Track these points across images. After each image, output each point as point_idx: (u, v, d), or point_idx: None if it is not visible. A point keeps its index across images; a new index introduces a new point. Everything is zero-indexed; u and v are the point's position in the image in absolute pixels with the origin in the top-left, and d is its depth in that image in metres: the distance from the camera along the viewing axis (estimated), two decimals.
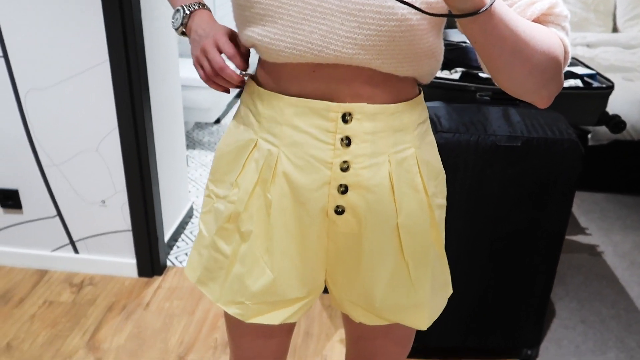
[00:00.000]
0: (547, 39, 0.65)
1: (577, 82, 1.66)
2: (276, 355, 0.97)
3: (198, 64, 0.80)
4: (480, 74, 1.66)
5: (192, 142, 3.27)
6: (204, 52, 0.78)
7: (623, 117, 1.69)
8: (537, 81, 0.66)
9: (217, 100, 2.98)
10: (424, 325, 0.86)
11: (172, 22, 0.84)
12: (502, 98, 1.58)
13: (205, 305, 1.93)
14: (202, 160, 3.05)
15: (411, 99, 0.77)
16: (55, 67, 1.74)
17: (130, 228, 1.97)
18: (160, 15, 1.92)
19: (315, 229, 0.78)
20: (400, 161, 0.76)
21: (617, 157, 2.71)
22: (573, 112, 1.61)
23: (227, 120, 3.65)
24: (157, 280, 2.05)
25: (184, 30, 0.84)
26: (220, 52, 0.78)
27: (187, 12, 0.83)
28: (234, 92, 3.39)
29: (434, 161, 0.82)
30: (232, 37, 0.80)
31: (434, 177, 0.81)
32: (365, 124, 0.72)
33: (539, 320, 1.69)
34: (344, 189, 0.75)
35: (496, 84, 0.71)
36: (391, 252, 0.79)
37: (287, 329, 0.95)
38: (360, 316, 0.86)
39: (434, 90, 1.62)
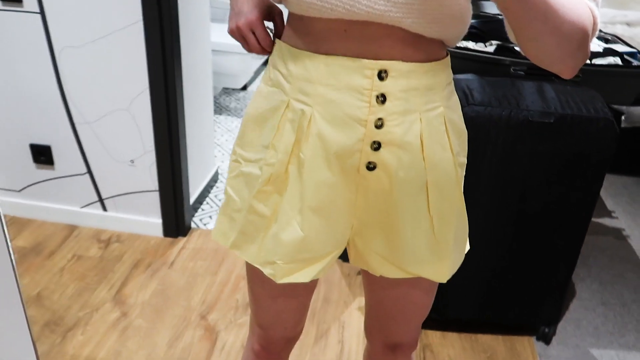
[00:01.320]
0: (577, 8, 0.65)
1: (617, 60, 1.61)
2: (296, 316, 0.99)
3: (237, 39, 0.84)
4: (516, 48, 1.62)
5: (219, 108, 3.28)
6: (240, 33, 0.82)
7: None
8: (564, 50, 0.67)
9: (245, 66, 2.97)
10: (444, 278, 0.88)
11: None
12: (536, 73, 1.54)
13: (228, 266, 1.97)
14: (228, 126, 3.07)
15: (440, 59, 0.77)
16: (90, 25, 1.75)
17: (157, 188, 2.00)
18: None
19: (346, 185, 0.79)
20: (430, 119, 0.77)
21: None
22: (610, 90, 1.57)
23: (254, 87, 3.65)
24: (182, 240, 2.09)
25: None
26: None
27: None
28: (262, 58, 3.37)
29: (458, 121, 0.84)
30: (267, 14, 0.82)
31: (458, 136, 0.83)
32: (400, 82, 0.73)
33: (559, 299, 1.68)
34: (377, 146, 0.76)
35: (522, 52, 0.71)
36: (419, 207, 0.81)
37: (309, 289, 0.97)
38: (383, 269, 0.87)
39: (467, 63, 1.59)
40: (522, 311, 1.69)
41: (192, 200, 2.17)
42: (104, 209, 2.10)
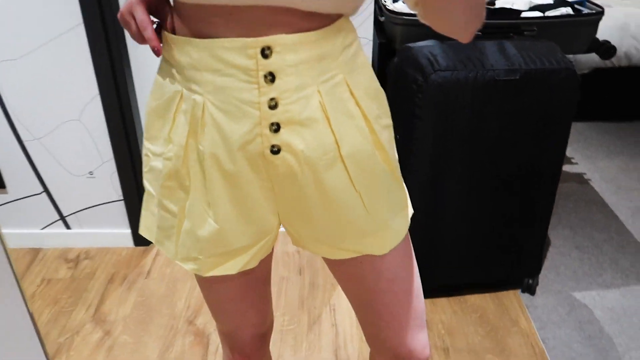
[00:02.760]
0: None
1: (568, 10, 1.63)
2: (259, 310, 0.96)
3: (121, 23, 0.78)
4: None
5: None
6: (130, 12, 0.75)
7: None
8: (468, 17, 0.68)
9: None
10: (385, 250, 0.84)
11: None
12: (493, 32, 1.55)
13: None
14: None
15: (331, 24, 0.72)
16: (26, 35, 1.63)
17: (121, 197, 1.92)
18: None
19: (255, 172, 0.75)
20: (330, 90, 0.72)
21: (598, 86, 2.73)
22: (565, 40, 1.60)
23: None
24: (155, 248, 2.02)
25: None
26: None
27: None
28: None
29: (369, 82, 0.78)
30: (154, 5, 0.77)
31: (372, 99, 0.78)
32: (287, 56, 0.68)
33: (538, 250, 1.73)
34: (276, 127, 0.71)
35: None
36: (340, 184, 0.77)
37: (262, 280, 0.93)
38: (323, 251, 0.84)
39: (424, 29, 1.58)
40: (505, 267, 1.73)
41: None
42: (67, 226, 1.99)
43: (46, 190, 1.91)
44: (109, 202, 1.94)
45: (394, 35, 1.65)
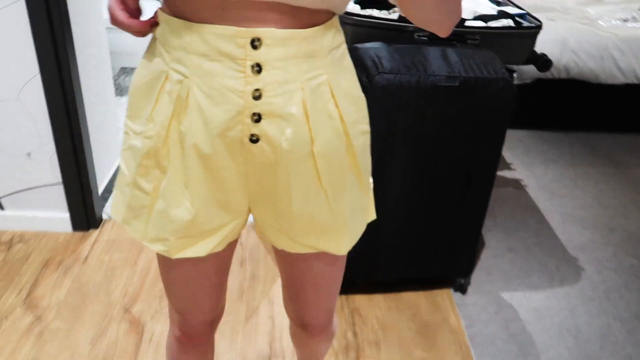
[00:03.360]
0: None
1: (509, 22, 1.71)
2: (212, 298, 0.98)
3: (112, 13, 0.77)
4: None
5: (119, 89, 3.09)
6: (110, 9, 0.76)
7: None
8: (442, 12, 0.72)
9: (144, 43, 2.81)
10: (344, 250, 0.88)
11: None
12: (439, 38, 1.60)
13: (148, 255, 1.90)
14: None
15: (321, 24, 0.74)
16: None
17: (60, 181, 1.87)
18: None
19: (232, 157, 0.77)
20: (313, 88, 0.74)
21: (539, 96, 2.86)
22: (505, 50, 1.66)
23: None
24: (94, 233, 1.98)
25: None
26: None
27: None
28: None
29: (351, 87, 0.81)
30: None
31: (352, 104, 0.80)
32: (276, 50, 0.70)
33: (471, 251, 1.80)
34: (257, 118, 0.73)
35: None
36: (308, 179, 0.80)
37: (221, 269, 0.95)
38: (283, 243, 0.87)
39: (374, 30, 1.61)
40: (440, 266, 1.80)
41: (100, 189, 2.06)
42: (1, 207, 1.93)
43: None
44: (47, 185, 1.88)
45: (345, 34, 1.68)
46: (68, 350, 1.53)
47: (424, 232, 1.70)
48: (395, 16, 1.67)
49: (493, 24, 1.70)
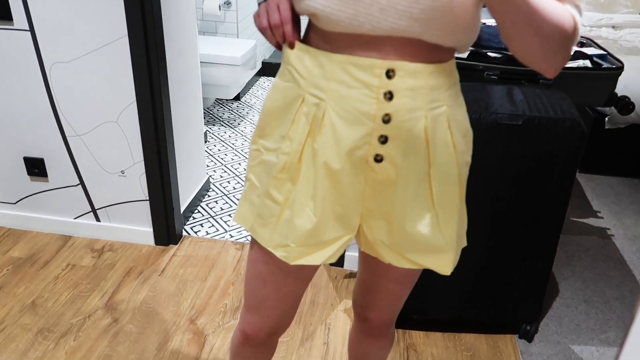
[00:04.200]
0: (558, 13, 0.73)
1: (586, 63, 1.66)
2: (285, 304, 1.03)
3: (264, 15, 0.85)
4: (489, 53, 1.68)
5: (212, 118, 3.34)
6: (276, 4, 0.84)
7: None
8: (546, 50, 0.75)
9: (236, 77, 3.04)
10: (448, 270, 0.94)
11: None
12: (508, 78, 1.60)
13: (217, 273, 2.02)
14: (222, 136, 3.12)
15: (445, 62, 0.83)
16: (78, 41, 1.82)
17: (147, 198, 2.06)
18: None
19: (355, 175, 0.85)
20: (434, 117, 0.83)
21: (633, 141, 2.69)
22: (580, 92, 1.62)
23: (247, 97, 3.71)
24: (173, 248, 2.14)
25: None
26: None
27: None
28: (254, 70, 3.44)
29: (463, 120, 0.90)
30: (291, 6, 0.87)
31: (462, 135, 0.89)
32: (407, 81, 0.79)
33: (538, 297, 1.72)
34: (384, 139, 0.82)
35: (509, 51, 0.80)
36: (423, 199, 0.87)
37: (302, 282, 1.02)
38: (390, 258, 0.94)
39: None
40: (502, 310, 1.73)
41: (182, 208, 2.23)
42: (97, 219, 2.15)
43: (82, 183, 2.08)
44: (136, 201, 2.08)
45: None
46: (136, 352, 1.66)
47: (485, 274, 1.66)
48: (464, 55, 1.70)
49: (568, 64, 1.66)
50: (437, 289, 1.68)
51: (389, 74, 0.79)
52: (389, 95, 0.80)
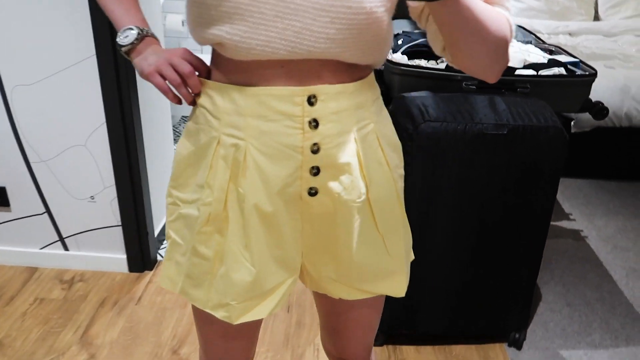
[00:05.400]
0: (498, 19, 0.72)
1: (561, 70, 1.69)
2: (247, 350, 1.00)
3: (158, 73, 0.79)
4: None
5: (179, 136, 3.26)
6: (168, 63, 0.78)
7: (605, 104, 1.73)
8: (491, 58, 0.74)
9: None
10: (402, 292, 0.90)
11: (121, 38, 0.82)
12: (487, 87, 1.60)
13: None
14: None
15: (365, 77, 0.79)
16: (42, 62, 1.73)
17: (119, 223, 1.97)
18: (147, 12, 1.91)
19: (289, 213, 0.79)
20: (363, 137, 0.78)
21: (599, 144, 2.76)
22: (557, 99, 1.64)
23: None
24: (148, 275, 2.05)
25: (129, 50, 0.83)
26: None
27: (142, 34, 0.83)
28: None
29: (391, 134, 0.86)
30: (188, 59, 0.81)
31: (393, 149, 0.85)
32: (330, 104, 0.75)
33: (526, 304, 1.72)
34: (316, 171, 0.76)
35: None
36: (366, 225, 0.82)
37: (258, 322, 0.96)
38: (340, 292, 0.88)
39: (421, 80, 1.64)
40: (491, 319, 1.73)
41: (156, 232, 2.14)
42: (65, 248, 2.04)
43: (48, 211, 1.97)
44: (107, 227, 1.98)
45: (392, 84, 1.71)
46: None
47: (473, 284, 1.65)
48: (442, 66, 1.70)
49: (544, 72, 1.68)
50: (426, 302, 1.66)
51: (311, 101, 0.73)
52: (315, 123, 0.74)
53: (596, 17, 3.66)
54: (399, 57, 1.75)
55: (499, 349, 1.77)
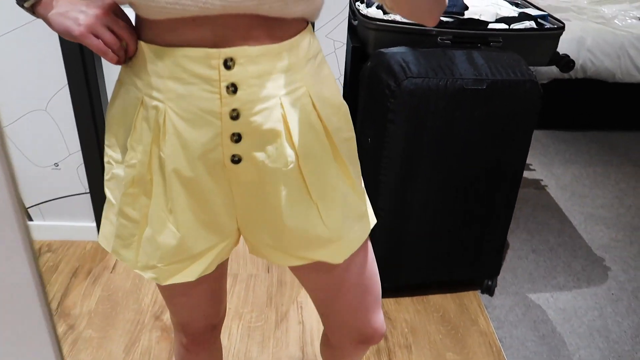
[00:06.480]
0: None
1: (532, 24, 1.71)
2: (213, 303, 0.98)
3: (91, 33, 0.70)
4: (441, 18, 1.68)
5: None
6: (101, 23, 0.71)
7: None
8: (432, 3, 0.75)
9: None
10: (340, 259, 0.85)
11: None
12: (461, 42, 1.61)
13: None
14: None
15: (295, 35, 0.73)
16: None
17: (87, 190, 1.89)
18: None
19: (215, 180, 0.76)
20: (293, 102, 0.73)
21: (556, 95, 2.86)
22: (528, 52, 1.67)
23: None
24: None
25: (34, 3, 0.73)
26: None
27: None
28: None
29: (332, 96, 0.80)
30: (120, 16, 0.73)
31: (334, 112, 0.80)
32: (250, 68, 0.69)
33: (498, 252, 1.80)
34: (237, 138, 0.72)
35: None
36: (297, 194, 0.79)
37: (219, 274, 0.94)
38: (278, 259, 0.86)
39: (397, 35, 1.62)
40: (466, 268, 1.80)
41: None
42: (29, 218, 1.95)
43: None
44: (74, 195, 1.90)
45: (367, 39, 1.69)
46: (102, 359, 1.54)
47: (451, 234, 1.70)
48: None
49: (516, 26, 1.70)
50: (407, 254, 1.70)
51: (227, 64, 0.68)
52: (233, 88, 0.69)
53: None
54: (374, 12, 1.73)
55: (473, 296, 1.85)
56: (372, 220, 0.91)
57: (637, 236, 2.20)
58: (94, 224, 1.96)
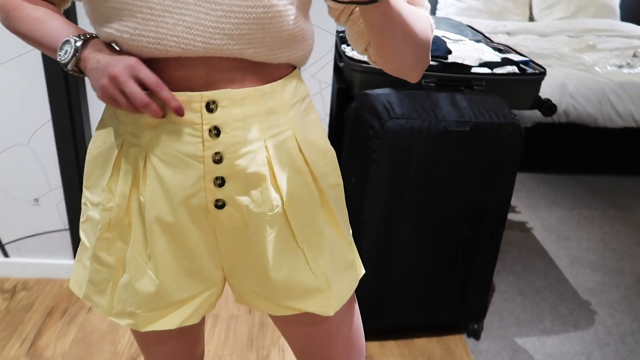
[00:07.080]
0: (422, 20, 0.73)
1: (514, 68, 1.75)
2: (191, 349, 0.95)
3: (109, 99, 0.66)
4: None
5: None
6: (117, 84, 0.65)
7: None
8: (416, 58, 0.74)
9: None
10: (331, 311, 0.82)
11: (60, 55, 0.70)
12: (445, 85, 1.64)
13: None
14: None
15: (279, 79, 0.73)
16: None
17: (67, 227, 1.85)
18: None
19: (198, 226, 0.74)
20: (278, 145, 0.72)
21: (539, 139, 2.90)
22: (511, 96, 1.70)
23: None
24: None
25: (77, 63, 0.70)
26: (139, 83, 0.66)
27: (80, 40, 0.70)
28: None
29: (318, 140, 0.79)
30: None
31: (321, 157, 0.78)
32: (234, 111, 0.68)
33: (483, 295, 1.78)
34: (220, 182, 0.70)
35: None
36: (283, 240, 0.76)
37: (193, 327, 0.91)
38: (266, 307, 0.83)
39: (382, 77, 1.64)
40: (452, 311, 1.77)
41: None
42: (5, 254, 1.90)
43: None
44: (53, 232, 1.87)
45: (353, 81, 1.71)
46: None
47: (436, 276, 1.68)
48: None
49: (498, 70, 1.74)
50: (391, 296, 1.68)
51: (210, 107, 0.67)
52: (216, 131, 0.68)
53: (531, 18, 3.84)
54: (360, 55, 1.75)
55: (459, 340, 1.82)
56: (361, 271, 0.89)
57: (623, 280, 2.20)
58: (73, 262, 1.91)
